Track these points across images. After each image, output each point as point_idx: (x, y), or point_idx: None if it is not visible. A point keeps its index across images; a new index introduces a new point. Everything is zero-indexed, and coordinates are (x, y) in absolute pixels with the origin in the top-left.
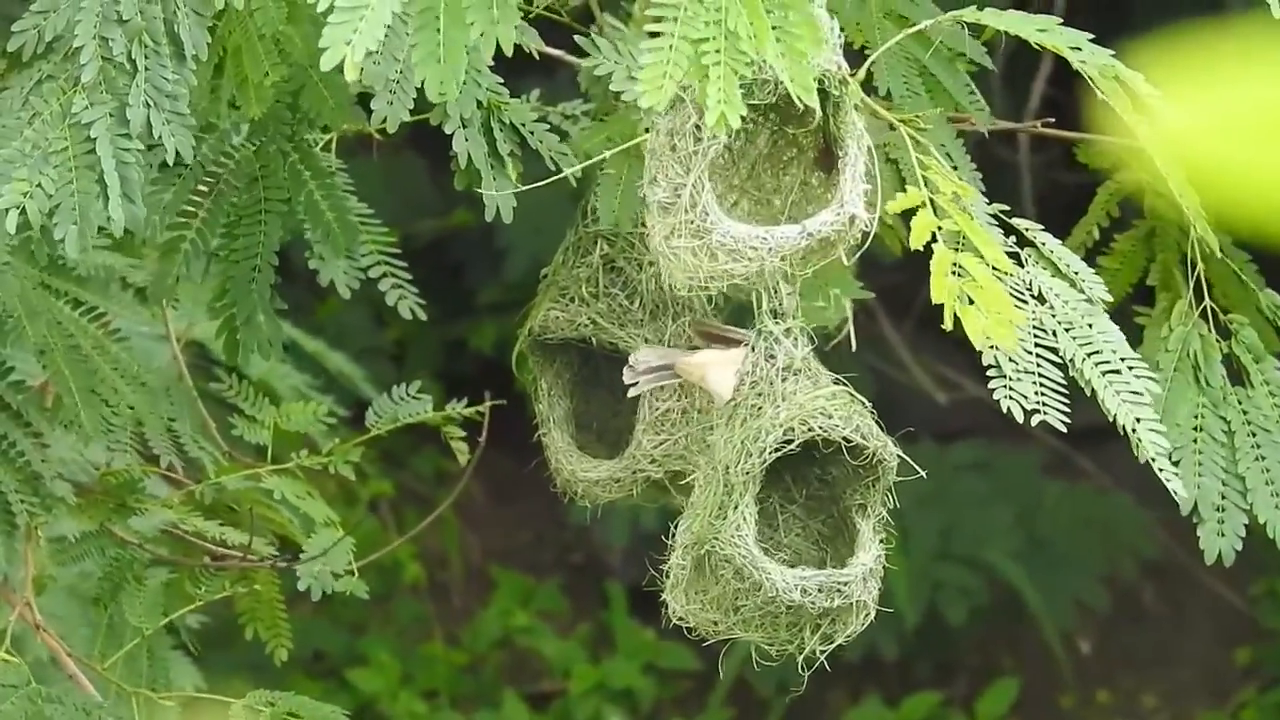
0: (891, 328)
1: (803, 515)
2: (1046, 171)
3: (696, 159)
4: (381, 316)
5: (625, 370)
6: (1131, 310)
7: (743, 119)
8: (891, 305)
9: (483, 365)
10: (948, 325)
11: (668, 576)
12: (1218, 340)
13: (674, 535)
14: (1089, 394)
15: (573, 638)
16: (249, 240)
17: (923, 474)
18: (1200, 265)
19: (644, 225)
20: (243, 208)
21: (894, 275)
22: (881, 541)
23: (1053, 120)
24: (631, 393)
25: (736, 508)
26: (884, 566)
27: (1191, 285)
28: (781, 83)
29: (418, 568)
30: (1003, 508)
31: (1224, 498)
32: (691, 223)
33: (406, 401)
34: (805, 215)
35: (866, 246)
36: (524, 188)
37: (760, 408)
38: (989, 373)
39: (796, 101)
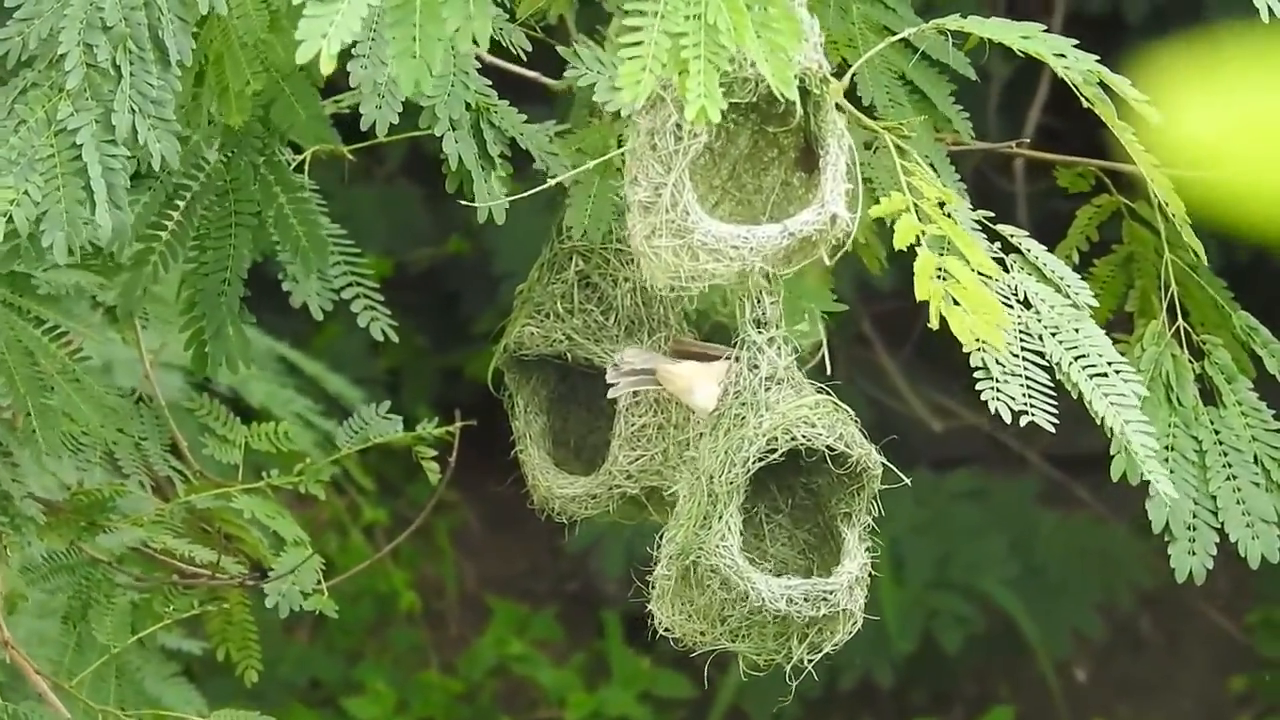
0: (888, 356)
1: (788, 525)
2: (1044, 201)
3: (677, 158)
4: (377, 346)
5: (609, 370)
6: (1112, 338)
7: (724, 118)
8: (888, 333)
9: (479, 394)
10: (933, 324)
11: (653, 587)
12: (1190, 361)
13: (659, 546)
14: (1075, 396)
15: (568, 666)
16: (219, 253)
17: (907, 481)
18: (1174, 287)
19: (618, 240)
20: (213, 220)
21: (890, 302)
22: (867, 549)
23: (1026, 140)
24: (612, 393)
25: (721, 518)
26: (870, 575)
27: (1165, 305)
28: (762, 80)
29: (413, 596)
30: (998, 536)
31: (1195, 516)
32: (673, 222)
33: (376, 422)
34: (787, 215)
35: (858, 271)
36: (514, 197)
37: (744, 417)
38: (976, 374)
39: (779, 97)
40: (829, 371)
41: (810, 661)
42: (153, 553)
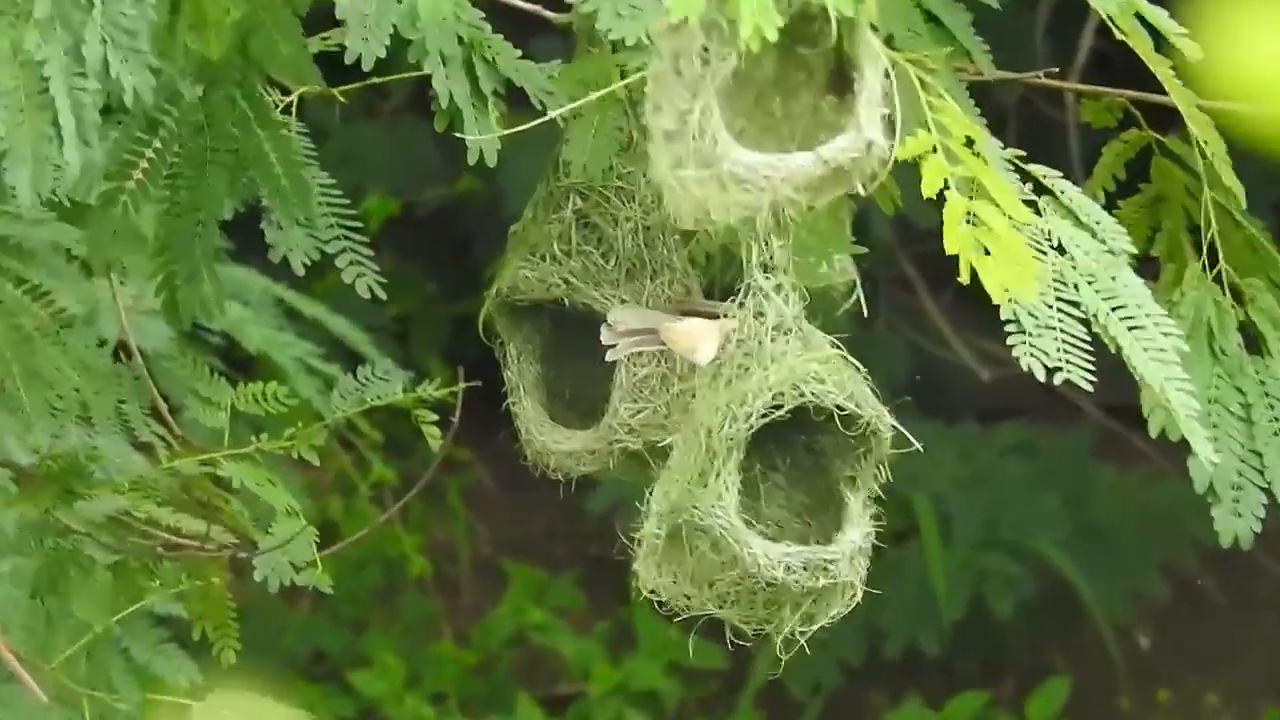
0: (930, 299)
1: (786, 485)
2: (1100, 131)
3: (704, 83)
4: (384, 292)
5: (603, 330)
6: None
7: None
8: (930, 274)
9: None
10: (964, 278)
11: (639, 545)
12: (1233, 307)
13: (648, 501)
14: (1114, 350)
15: (591, 636)
16: (193, 194)
17: (919, 446)
18: (1213, 227)
19: (619, 178)
20: (187, 159)
21: (931, 243)
22: (872, 517)
23: (1056, 70)
24: (610, 356)
25: (718, 476)
26: (874, 545)
27: (1206, 249)
28: None
29: (423, 561)
30: (1051, 492)
31: (1241, 475)
32: (699, 151)
33: (373, 383)
34: (817, 143)
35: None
36: (507, 131)
37: (747, 368)
38: (1008, 329)
39: (827, 11)
40: (865, 314)
41: (803, 633)
42: (134, 522)
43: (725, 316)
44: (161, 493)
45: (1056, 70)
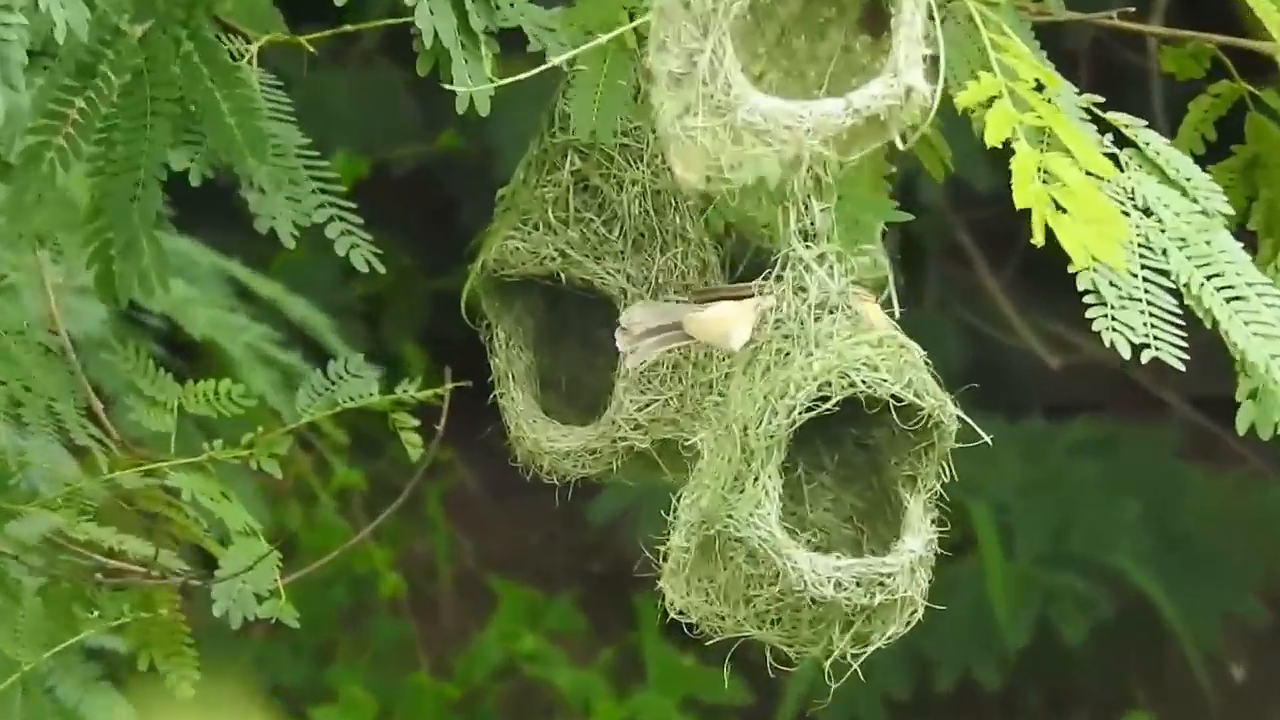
0: (989, 273)
1: (834, 486)
2: (1184, 84)
3: (716, 18)
4: (352, 267)
5: (618, 336)
6: None
7: None
8: (990, 245)
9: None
10: (1037, 239)
11: (665, 560)
12: None
13: (676, 510)
14: (1209, 325)
15: (593, 666)
16: (131, 149)
17: (987, 439)
18: None
19: (624, 134)
20: (124, 108)
21: (990, 208)
22: (933, 522)
23: (1134, 10)
24: (630, 362)
25: (757, 479)
26: (935, 553)
27: None
28: None
29: (397, 579)
30: (1131, 498)
31: None
32: (710, 97)
33: (345, 380)
34: (848, 88)
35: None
36: (502, 82)
37: (787, 354)
38: (1087, 299)
39: None
40: (896, 314)
41: (855, 657)
42: (67, 544)
43: (759, 294)
44: (100, 507)
45: (1134, 10)
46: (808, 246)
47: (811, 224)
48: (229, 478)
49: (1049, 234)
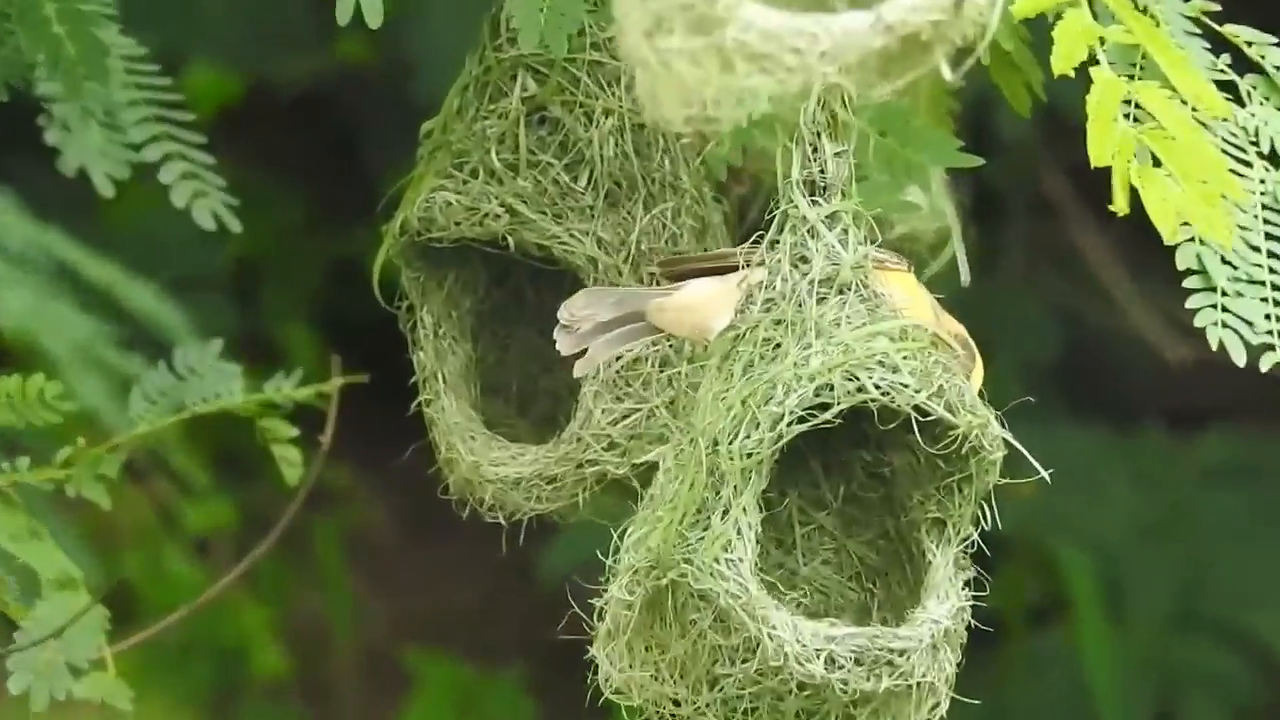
0: (1093, 234)
1: (837, 530)
2: None
3: None
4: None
5: (559, 334)
6: None
7: None
8: (1093, 197)
9: (385, 295)
10: (1118, 204)
11: (600, 618)
12: None
13: (616, 550)
14: None
15: None
16: None
17: (1045, 475)
18: None
19: (593, 47)
20: None
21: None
22: (966, 584)
23: None
24: (579, 370)
25: (727, 513)
26: (971, 625)
27: None
28: None
29: (279, 652)
30: None
31: None
32: (691, 8)
33: (198, 376)
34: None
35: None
36: None
37: (778, 345)
38: (1188, 283)
39: None
40: (965, 281)
41: None
42: None
43: (745, 265)
44: None
45: None
46: (814, 203)
47: (821, 173)
48: (39, 509)
49: (1138, 199)
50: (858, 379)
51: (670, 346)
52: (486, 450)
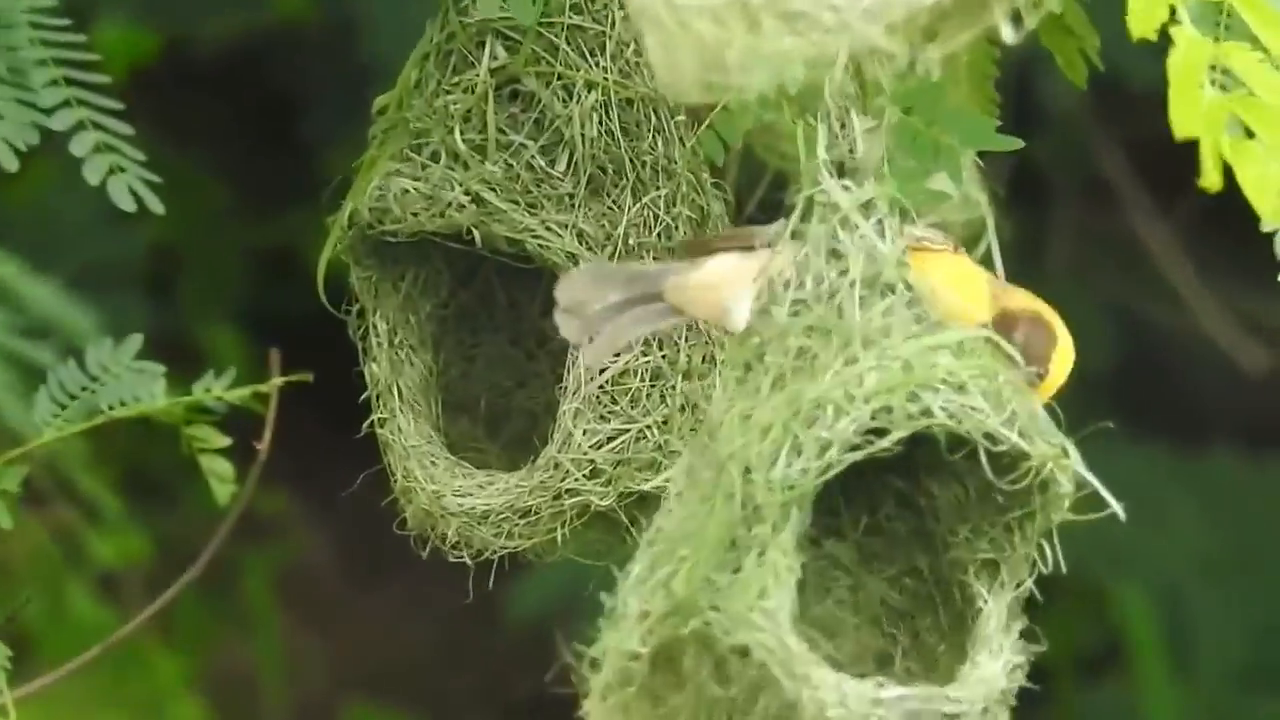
0: (1157, 222)
1: (855, 565)
2: None
3: None
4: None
5: (561, 319)
6: None
7: None
8: (1157, 181)
9: (335, 299)
10: (1209, 181)
11: (594, 668)
12: None
13: (622, 588)
14: None
15: None
16: None
17: (1119, 510)
18: None
19: (573, 9)
20: None
21: (1158, 122)
22: (1022, 635)
23: None
24: (589, 358)
25: (763, 554)
26: (1025, 684)
27: None
28: None
29: (198, 707)
30: None
31: None
32: None
33: (113, 377)
34: None
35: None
36: None
37: (815, 356)
38: None
39: None
40: (1000, 273)
41: None
42: None
43: (763, 246)
44: None
45: None
46: (846, 188)
47: (852, 149)
48: None
49: (1229, 174)
50: (922, 400)
51: (663, 358)
52: (450, 478)
